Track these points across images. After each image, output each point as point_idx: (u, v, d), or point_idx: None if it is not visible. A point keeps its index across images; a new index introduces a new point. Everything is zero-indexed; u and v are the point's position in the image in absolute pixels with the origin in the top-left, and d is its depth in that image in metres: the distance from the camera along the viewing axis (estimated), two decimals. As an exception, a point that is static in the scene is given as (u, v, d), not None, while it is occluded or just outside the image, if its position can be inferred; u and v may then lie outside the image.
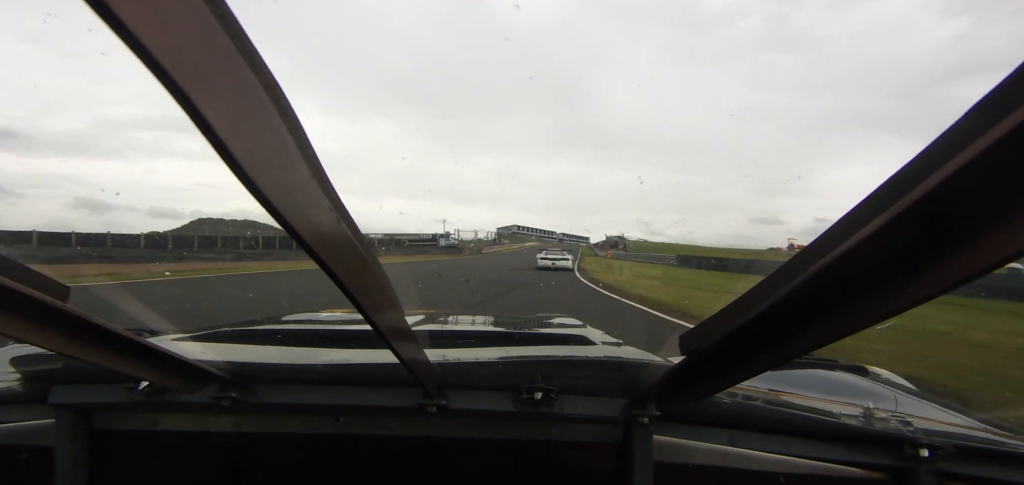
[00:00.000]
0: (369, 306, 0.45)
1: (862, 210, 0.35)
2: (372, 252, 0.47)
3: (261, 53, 0.29)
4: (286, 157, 0.30)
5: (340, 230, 0.38)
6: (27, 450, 0.88)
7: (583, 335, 1.37)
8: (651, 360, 0.91)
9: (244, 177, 0.26)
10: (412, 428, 0.90)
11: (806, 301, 0.40)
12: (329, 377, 0.86)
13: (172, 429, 0.90)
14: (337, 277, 0.38)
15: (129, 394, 0.83)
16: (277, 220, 0.29)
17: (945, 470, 0.84)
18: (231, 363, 0.84)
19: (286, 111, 0.33)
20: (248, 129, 0.26)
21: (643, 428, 0.83)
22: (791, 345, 0.46)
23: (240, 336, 1.23)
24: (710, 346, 0.53)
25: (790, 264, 0.42)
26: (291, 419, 0.89)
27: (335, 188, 0.38)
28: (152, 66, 0.20)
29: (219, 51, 0.24)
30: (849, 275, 0.35)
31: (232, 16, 0.26)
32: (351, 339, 1.20)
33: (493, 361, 0.90)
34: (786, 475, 0.87)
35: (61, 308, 0.49)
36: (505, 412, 0.84)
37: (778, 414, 0.90)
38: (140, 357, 0.66)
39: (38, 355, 0.88)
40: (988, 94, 0.27)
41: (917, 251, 0.32)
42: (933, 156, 0.30)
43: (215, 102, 0.23)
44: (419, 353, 0.74)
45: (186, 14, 0.22)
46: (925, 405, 1.20)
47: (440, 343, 1.18)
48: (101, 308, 5.75)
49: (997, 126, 0.24)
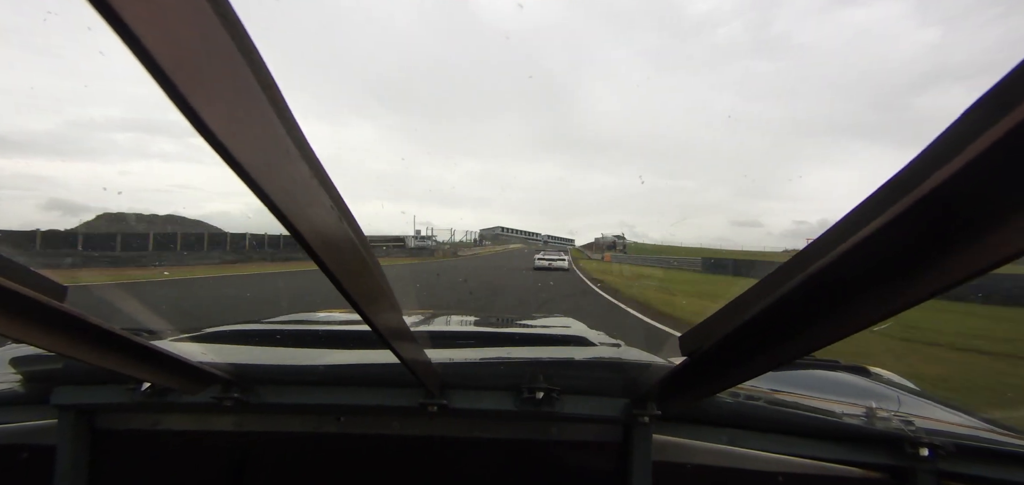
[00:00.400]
0: (369, 308, 0.45)
1: (862, 210, 0.35)
2: (373, 253, 0.47)
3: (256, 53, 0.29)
4: (286, 157, 0.30)
5: (341, 229, 0.38)
6: (28, 450, 0.88)
7: (584, 335, 1.37)
8: (652, 360, 0.91)
9: (246, 177, 0.26)
10: (413, 428, 0.90)
11: (806, 301, 0.40)
12: (330, 378, 0.86)
13: (174, 429, 0.90)
14: (337, 279, 0.38)
15: (131, 395, 0.83)
16: (280, 220, 0.29)
17: (945, 470, 0.84)
18: (233, 364, 0.84)
19: (284, 112, 0.33)
20: (248, 130, 0.26)
21: (643, 428, 0.83)
22: (791, 345, 0.46)
23: (241, 337, 1.23)
24: (710, 346, 0.53)
25: (790, 264, 0.42)
26: (293, 419, 0.90)
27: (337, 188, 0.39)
28: (151, 67, 0.20)
29: (219, 52, 0.24)
30: (849, 275, 0.35)
31: (234, 16, 0.26)
32: (352, 340, 1.20)
33: (494, 361, 0.90)
34: (786, 475, 0.87)
35: (58, 308, 0.49)
36: (506, 412, 0.84)
37: (778, 414, 0.90)
38: (141, 358, 0.66)
39: (39, 355, 0.88)
40: (987, 93, 0.27)
41: (917, 251, 0.32)
42: (933, 156, 0.30)
43: (215, 103, 0.23)
44: (420, 353, 0.74)
45: (188, 14, 0.22)
46: (926, 405, 1.20)
47: (441, 343, 1.18)
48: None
49: (997, 126, 0.24)
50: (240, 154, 0.25)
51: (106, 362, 0.60)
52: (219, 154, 0.24)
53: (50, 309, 0.48)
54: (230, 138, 0.24)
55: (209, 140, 0.23)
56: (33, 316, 0.48)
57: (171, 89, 0.21)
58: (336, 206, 0.38)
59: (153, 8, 0.19)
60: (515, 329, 1.58)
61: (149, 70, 0.20)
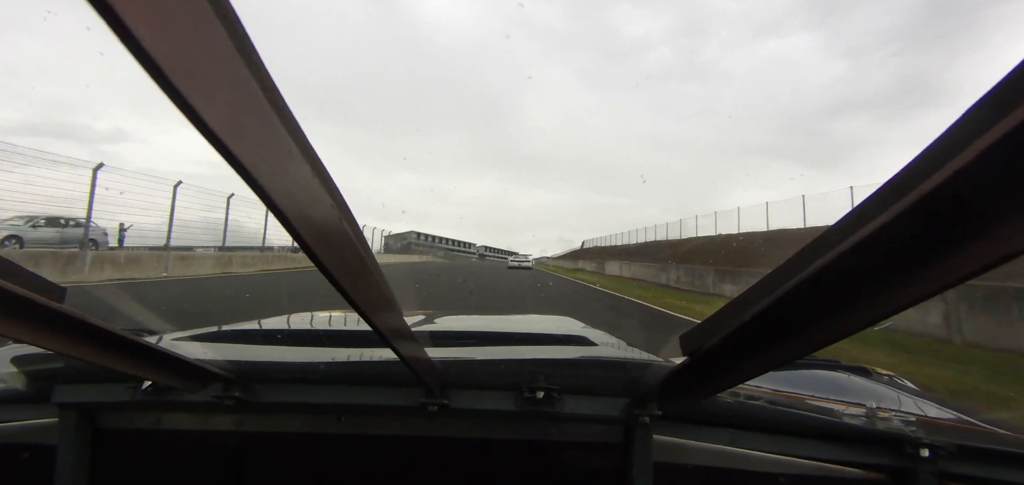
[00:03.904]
0: (368, 308, 0.45)
1: (862, 210, 0.35)
2: (372, 254, 0.47)
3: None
4: (288, 157, 0.30)
5: (342, 230, 0.38)
6: (29, 449, 0.89)
7: (585, 335, 1.37)
8: (652, 360, 0.91)
9: (247, 177, 0.26)
10: (413, 427, 0.90)
11: (806, 301, 0.40)
12: (331, 377, 0.86)
13: (175, 428, 0.90)
14: (336, 279, 0.38)
15: (132, 393, 0.83)
16: (280, 220, 0.29)
17: (946, 470, 0.84)
18: (234, 363, 0.84)
19: (285, 112, 0.33)
20: (248, 130, 0.26)
21: (644, 428, 0.83)
22: (791, 345, 0.46)
23: (242, 336, 1.23)
24: (711, 346, 0.53)
25: (790, 263, 0.41)
26: (294, 418, 0.90)
27: (339, 188, 0.39)
28: (151, 67, 0.20)
29: (219, 52, 0.24)
30: (849, 275, 0.35)
31: (234, 16, 0.26)
32: (353, 339, 1.20)
33: (495, 360, 0.90)
34: (786, 475, 0.86)
35: (57, 309, 0.49)
36: (507, 411, 0.84)
37: (779, 414, 0.90)
38: (142, 357, 0.66)
39: (40, 355, 0.88)
40: (987, 93, 0.27)
41: (917, 250, 0.32)
42: (933, 156, 0.30)
43: (215, 103, 0.23)
44: (420, 353, 0.74)
45: (188, 15, 0.22)
46: (926, 405, 1.19)
47: (442, 343, 1.18)
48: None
49: (997, 126, 0.24)
50: (241, 154, 0.25)
51: (107, 362, 0.60)
52: (220, 154, 0.24)
53: (50, 310, 0.48)
54: (231, 138, 0.24)
55: (210, 140, 0.23)
56: (33, 317, 0.48)
57: (171, 89, 0.21)
58: (337, 207, 0.38)
59: (153, 8, 0.19)
60: (516, 328, 1.58)
61: (149, 70, 0.20)
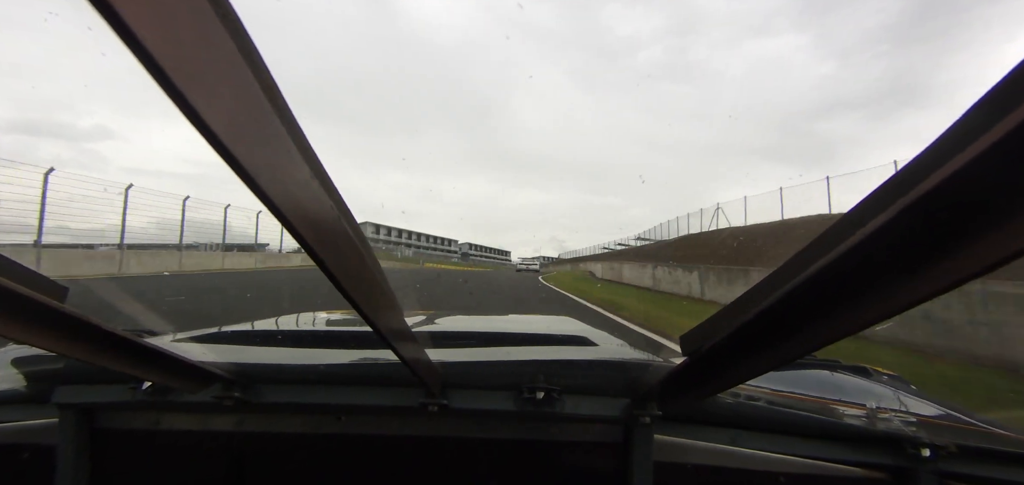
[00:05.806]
0: (368, 308, 0.45)
1: (862, 209, 0.35)
2: (373, 254, 0.47)
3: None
4: (287, 158, 0.30)
5: (342, 230, 0.38)
6: (29, 449, 0.89)
7: (585, 336, 1.37)
8: (653, 360, 0.91)
9: (247, 177, 0.26)
10: (413, 428, 0.90)
11: (806, 301, 0.40)
12: (331, 377, 0.86)
13: (175, 428, 0.90)
14: (337, 279, 0.38)
15: (132, 394, 0.83)
16: (280, 220, 0.29)
17: (946, 470, 0.84)
18: (234, 363, 0.84)
19: (285, 112, 0.33)
20: (248, 130, 0.26)
21: (644, 428, 0.83)
22: (792, 345, 0.46)
23: (242, 337, 1.23)
24: (711, 346, 0.53)
25: (790, 264, 0.41)
26: (293, 419, 0.90)
27: (338, 188, 0.39)
28: (151, 67, 0.20)
29: (220, 52, 0.24)
30: (849, 275, 0.35)
31: (235, 16, 0.26)
32: (353, 339, 1.20)
33: (495, 361, 0.90)
34: (787, 475, 0.86)
35: (59, 309, 0.48)
36: (507, 412, 0.84)
37: (780, 414, 0.90)
38: (143, 358, 0.66)
39: (40, 355, 0.88)
40: (987, 93, 0.27)
41: (917, 251, 0.32)
42: (933, 156, 0.30)
43: (215, 103, 0.23)
44: (421, 353, 0.74)
45: (188, 14, 0.22)
46: (927, 405, 1.19)
47: (442, 343, 1.18)
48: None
49: (997, 126, 0.24)
50: (241, 154, 0.25)
51: (107, 362, 0.60)
52: (220, 154, 0.24)
53: (50, 310, 0.48)
54: (231, 138, 0.24)
55: (210, 140, 0.23)
56: (33, 317, 0.47)
57: (171, 89, 0.21)
58: (337, 207, 0.38)
59: (153, 8, 0.19)
60: (516, 329, 1.58)
61: (149, 70, 0.20)
